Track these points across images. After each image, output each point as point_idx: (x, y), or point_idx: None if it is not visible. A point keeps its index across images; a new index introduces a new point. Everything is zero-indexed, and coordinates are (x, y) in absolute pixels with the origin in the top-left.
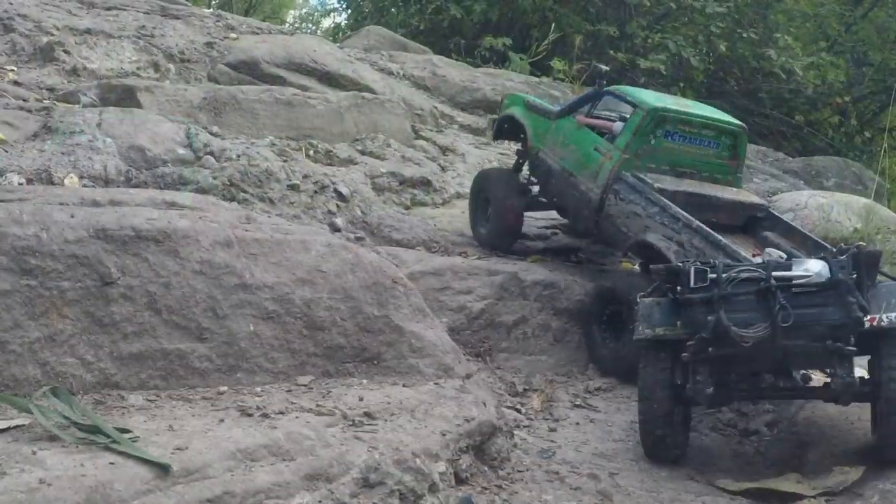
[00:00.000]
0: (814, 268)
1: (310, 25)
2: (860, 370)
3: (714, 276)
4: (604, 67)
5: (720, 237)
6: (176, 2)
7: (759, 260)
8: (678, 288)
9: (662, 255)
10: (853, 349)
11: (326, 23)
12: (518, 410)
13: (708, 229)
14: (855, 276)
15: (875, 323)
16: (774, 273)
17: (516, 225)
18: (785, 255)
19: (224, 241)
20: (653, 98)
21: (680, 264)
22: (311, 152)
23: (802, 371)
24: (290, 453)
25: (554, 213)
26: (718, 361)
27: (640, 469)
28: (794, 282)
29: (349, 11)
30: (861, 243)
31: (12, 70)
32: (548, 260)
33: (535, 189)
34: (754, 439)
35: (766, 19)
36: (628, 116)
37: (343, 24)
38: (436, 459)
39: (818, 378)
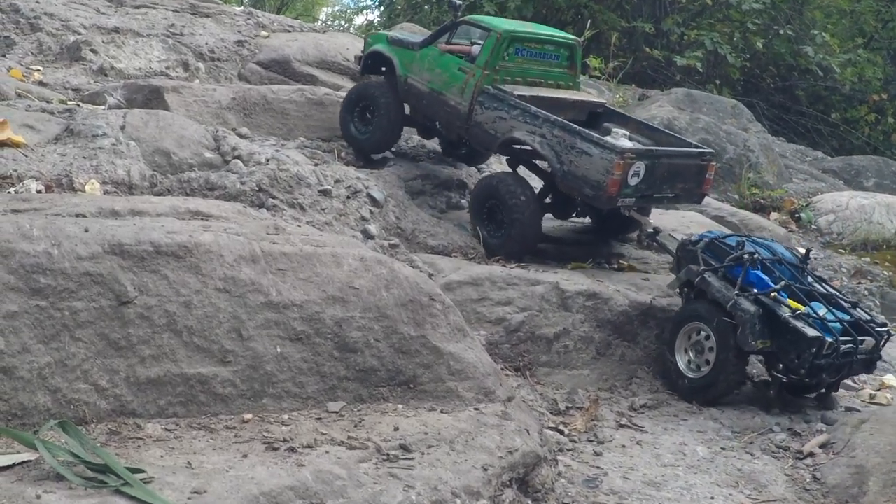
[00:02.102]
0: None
1: (342, 23)
2: None
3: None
4: (458, 2)
5: (574, 125)
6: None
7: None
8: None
9: (529, 146)
10: None
11: (359, 20)
12: (561, 432)
13: (563, 120)
14: None
15: None
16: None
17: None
18: (627, 133)
19: (249, 256)
20: (503, 22)
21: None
22: (343, 153)
23: None
24: (319, 496)
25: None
26: None
27: (692, 499)
28: None
29: (382, 9)
30: None
31: (38, 70)
32: (588, 267)
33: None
34: (809, 462)
35: (801, 16)
36: (483, 41)
37: (376, 21)
38: (477, 498)
39: None
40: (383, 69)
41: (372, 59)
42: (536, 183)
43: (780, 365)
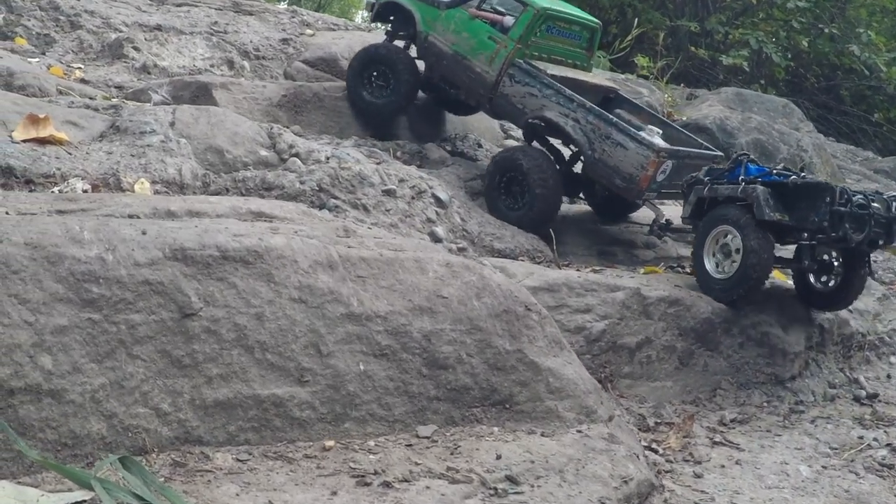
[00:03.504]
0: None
1: (378, 24)
2: None
3: None
4: None
5: (611, 116)
6: None
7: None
8: None
9: (560, 128)
10: None
11: None
12: (655, 451)
13: (600, 109)
14: None
15: None
16: None
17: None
18: (660, 131)
19: (326, 262)
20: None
21: None
22: (399, 153)
23: None
24: None
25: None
26: None
27: None
28: None
29: None
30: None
31: (79, 68)
32: (661, 271)
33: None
34: None
35: (844, 14)
36: (517, 14)
37: None
38: None
39: None
40: (391, 20)
41: (386, 10)
42: None
43: (805, 234)
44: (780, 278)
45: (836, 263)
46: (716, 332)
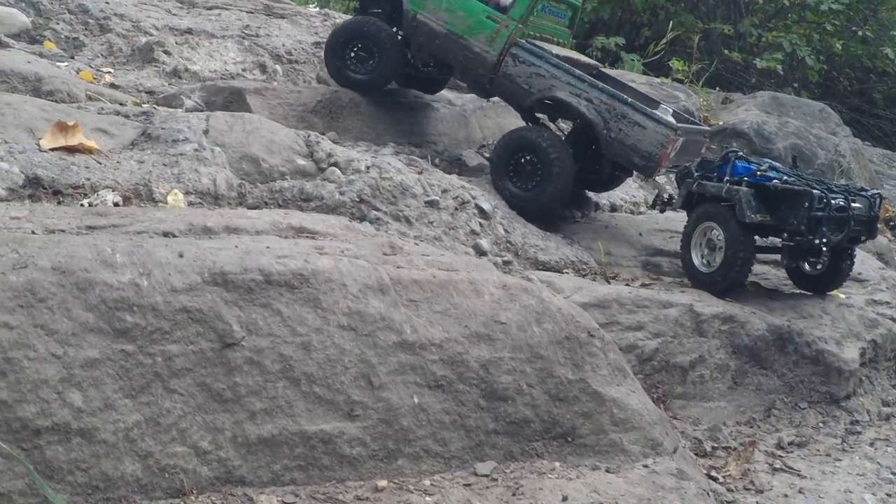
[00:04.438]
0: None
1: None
2: None
3: None
4: None
5: (624, 95)
6: (280, 0)
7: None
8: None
9: (573, 108)
10: None
11: None
12: (714, 478)
13: (613, 90)
14: None
15: None
16: None
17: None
18: (671, 109)
19: (377, 285)
20: None
21: None
22: (437, 160)
23: None
24: None
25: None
26: None
27: None
28: None
29: None
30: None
31: (109, 72)
32: None
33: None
34: None
35: (877, 16)
36: None
37: None
38: None
39: None
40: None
41: None
42: None
43: (785, 234)
44: (833, 293)
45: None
46: (770, 349)
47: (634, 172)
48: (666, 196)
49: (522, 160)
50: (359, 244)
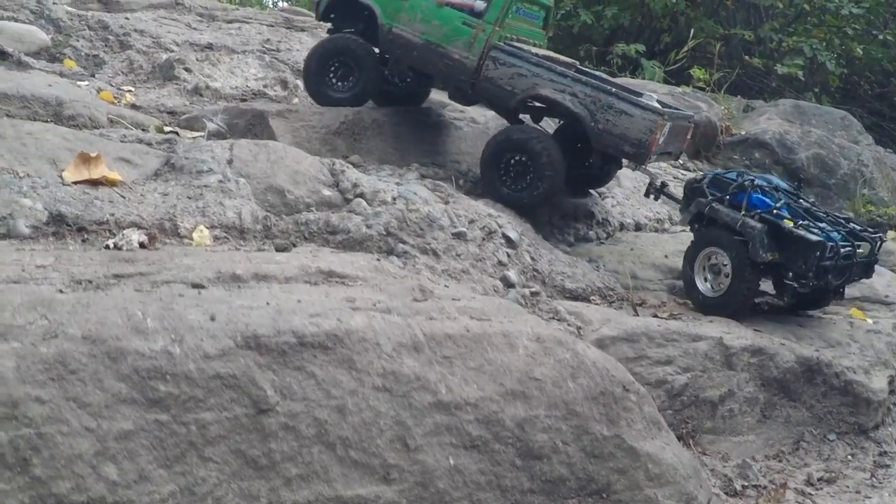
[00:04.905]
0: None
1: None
2: None
3: None
4: None
5: (608, 86)
6: (300, 14)
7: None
8: None
9: (558, 104)
10: None
11: None
12: None
13: (597, 81)
14: None
15: None
16: None
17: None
18: (656, 96)
19: (411, 343)
20: None
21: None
22: (462, 181)
23: None
24: None
25: None
26: None
27: None
28: None
29: None
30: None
31: (130, 91)
32: None
33: None
34: None
35: None
36: None
37: None
38: None
39: None
40: (331, 18)
41: (337, 7)
42: None
43: (790, 273)
44: (859, 316)
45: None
46: (798, 381)
47: (625, 163)
48: (658, 183)
49: (513, 161)
50: (389, 290)
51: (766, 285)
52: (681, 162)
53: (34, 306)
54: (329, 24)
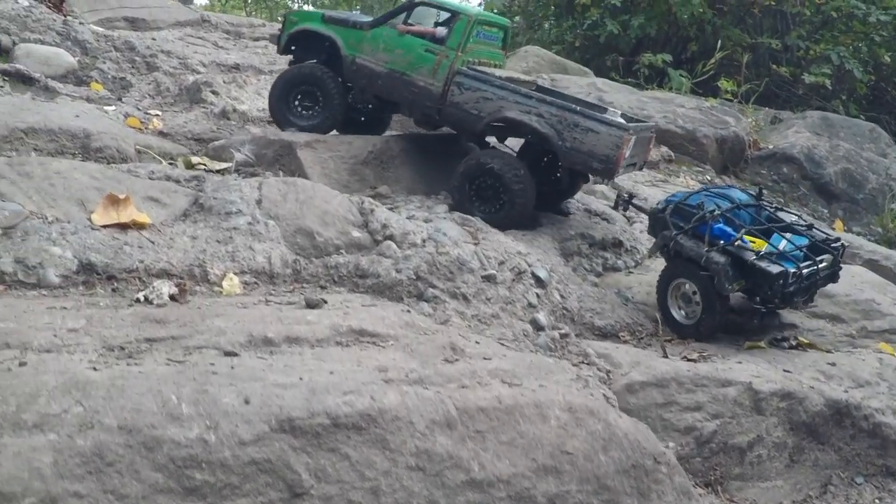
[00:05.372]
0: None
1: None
2: None
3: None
4: None
5: (573, 105)
6: None
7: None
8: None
9: (524, 125)
10: None
11: None
12: None
13: (562, 101)
14: None
15: None
16: None
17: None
18: (619, 111)
19: (444, 420)
20: (464, 6)
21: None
22: None
23: None
24: None
25: None
26: None
27: None
28: None
29: None
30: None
31: (157, 115)
32: (764, 346)
33: None
34: None
35: None
36: (450, 24)
37: None
38: None
39: None
40: (293, 50)
41: (299, 39)
42: None
43: (757, 297)
44: (888, 350)
45: None
46: (827, 424)
47: (591, 177)
48: (626, 195)
49: (483, 185)
50: (420, 351)
51: None
52: (708, 178)
53: (68, 390)
54: (290, 57)
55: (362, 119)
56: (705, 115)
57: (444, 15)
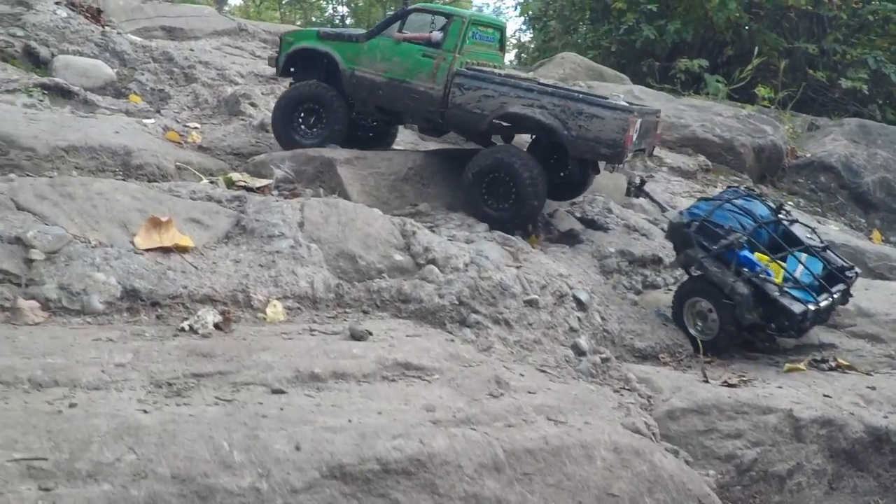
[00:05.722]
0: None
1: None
2: None
3: None
4: None
5: (575, 93)
6: None
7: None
8: None
9: (528, 119)
10: None
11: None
12: None
13: (565, 90)
14: None
15: None
16: None
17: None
18: (622, 95)
19: (492, 463)
20: (461, 9)
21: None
22: (530, 227)
23: None
24: None
25: None
26: None
27: None
28: None
29: (535, 31)
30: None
31: (196, 127)
32: (804, 368)
33: None
34: None
35: None
36: (445, 27)
37: (530, 45)
38: None
39: None
40: (292, 70)
41: (297, 59)
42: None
43: (773, 325)
44: None
45: None
46: (867, 451)
47: (602, 166)
48: (637, 181)
49: (496, 182)
50: (466, 386)
51: None
52: (745, 186)
53: (121, 435)
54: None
55: (370, 135)
56: (743, 124)
57: (440, 21)
